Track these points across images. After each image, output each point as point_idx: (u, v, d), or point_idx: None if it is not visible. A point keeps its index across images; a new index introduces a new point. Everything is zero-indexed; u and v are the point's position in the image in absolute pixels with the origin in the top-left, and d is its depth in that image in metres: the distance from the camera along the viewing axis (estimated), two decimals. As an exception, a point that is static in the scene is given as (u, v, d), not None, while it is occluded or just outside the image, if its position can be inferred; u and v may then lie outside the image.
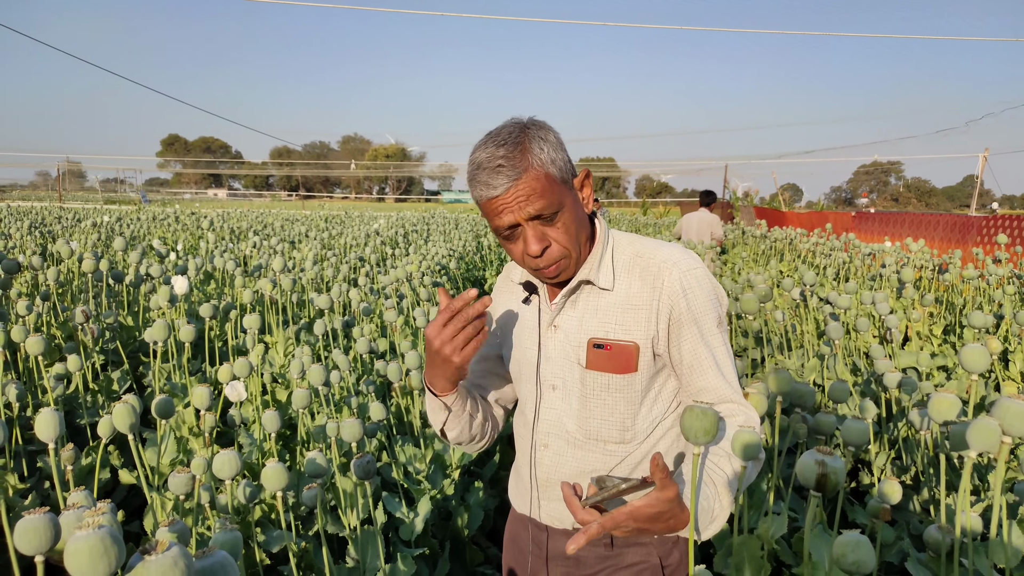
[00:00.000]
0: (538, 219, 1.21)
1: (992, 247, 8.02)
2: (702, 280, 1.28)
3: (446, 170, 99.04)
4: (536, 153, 1.19)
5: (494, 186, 1.18)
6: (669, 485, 1.02)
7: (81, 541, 0.64)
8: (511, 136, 1.20)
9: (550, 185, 1.19)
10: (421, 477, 2.44)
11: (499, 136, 1.21)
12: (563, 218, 1.22)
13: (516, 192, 1.18)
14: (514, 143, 1.19)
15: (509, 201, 1.18)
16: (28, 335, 2.32)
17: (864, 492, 2.48)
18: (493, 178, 1.18)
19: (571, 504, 1.09)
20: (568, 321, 1.33)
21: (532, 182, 1.17)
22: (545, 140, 1.21)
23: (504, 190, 1.18)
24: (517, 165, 1.17)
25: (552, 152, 1.20)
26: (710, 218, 8.10)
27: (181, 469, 1.55)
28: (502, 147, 1.18)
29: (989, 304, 4.43)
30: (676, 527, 1.08)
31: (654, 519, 1.05)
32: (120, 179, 64.24)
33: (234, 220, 14.03)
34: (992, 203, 23.80)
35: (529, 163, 1.18)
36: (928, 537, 1.45)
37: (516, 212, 1.19)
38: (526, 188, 1.17)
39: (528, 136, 1.20)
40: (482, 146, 1.21)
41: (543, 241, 1.22)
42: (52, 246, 5.42)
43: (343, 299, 4.11)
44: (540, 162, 1.18)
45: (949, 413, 1.40)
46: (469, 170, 1.23)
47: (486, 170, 1.19)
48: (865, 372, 3.10)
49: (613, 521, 1.05)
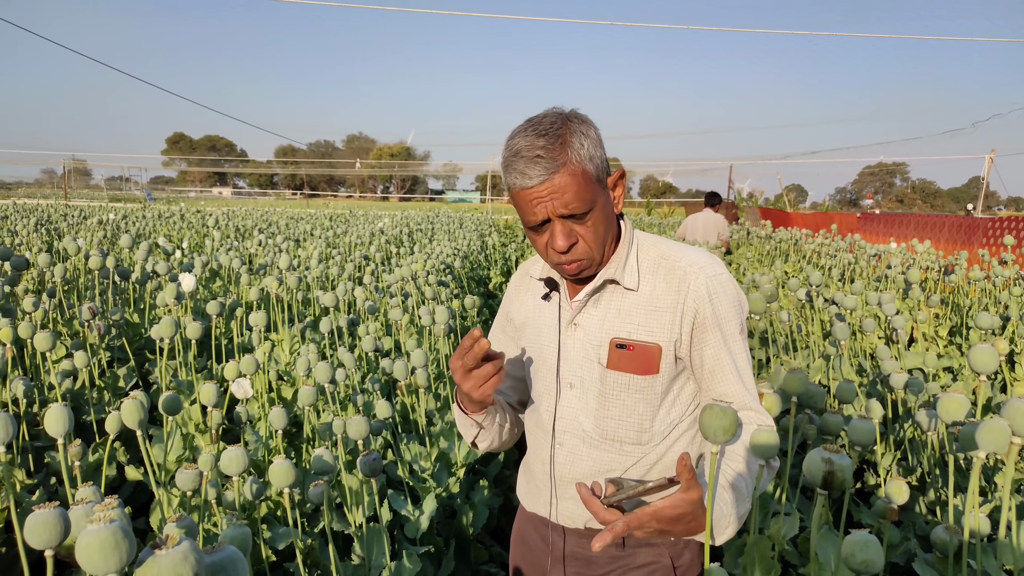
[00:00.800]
0: (570, 217, 1.19)
1: (998, 248, 8.00)
2: (727, 286, 1.28)
3: (451, 169, 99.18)
4: (576, 148, 1.17)
5: (530, 176, 1.16)
6: (695, 486, 1.02)
7: (93, 535, 0.64)
8: (552, 127, 1.18)
9: (585, 183, 1.17)
10: (426, 475, 2.44)
11: (540, 125, 1.19)
12: (593, 217, 1.21)
13: (551, 186, 1.16)
14: (555, 135, 1.17)
15: (543, 195, 1.17)
16: (36, 331, 2.33)
17: (870, 493, 2.47)
18: (530, 167, 1.16)
19: (591, 504, 1.09)
20: (589, 320, 1.32)
21: (568, 178, 1.16)
22: (586, 136, 1.19)
23: (539, 182, 1.16)
24: (556, 158, 1.15)
25: (592, 148, 1.19)
26: (716, 219, 8.08)
27: (188, 465, 1.55)
28: (542, 137, 1.16)
29: (995, 305, 4.42)
30: (696, 530, 1.08)
31: (676, 520, 1.05)
32: (125, 177, 64.44)
33: (239, 218, 14.05)
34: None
35: (568, 157, 1.16)
36: (935, 538, 1.45)
37: (548, 207, 1.18)
38: (561, 183, 1.16)
39: (569, 129, 1.18)
40: (521, 132, 1.19)
41: (571, 238, 1.21)
42: (58, 243, 5.43)
43: (348, 297, 4.12)
44: (579, 158, 1.17)
45: (958, 414, 1.39)
46: (505, 155, 1.21)
47: (523, 159, 1.17)
48: (871, 373, 3.09)
49: (637, 520, 1.05)
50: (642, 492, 1.08)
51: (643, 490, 1.08)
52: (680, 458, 1.00)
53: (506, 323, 1.53)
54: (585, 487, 1.13)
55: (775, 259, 8.17)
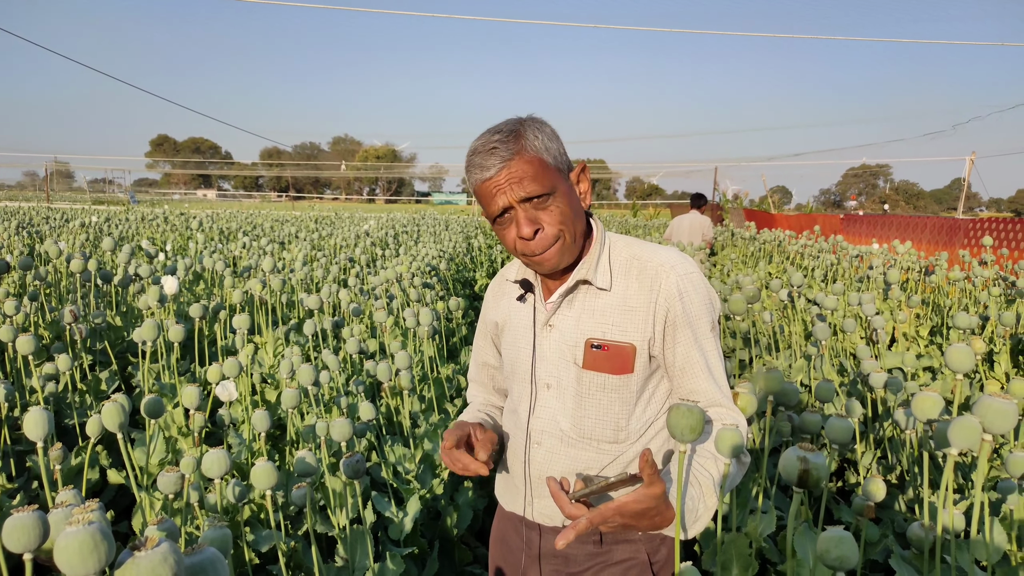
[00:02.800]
0: (530, 201, 1.23)
1: (978, 249, 8.09)
2: (698, 284, 1.31)
3: (436, 171, 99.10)
4: (530, 139, 1.23)
5: (487, 167, 1.22)
6: (657, 482, 1.04)
7: (71, 536, 0.64)
8: (507, 125, 1.25)
9: (543, 169, 1.23)
10: (410, 477, 2.45)
11: (495, 127, 1.26)
12: (556, 203, 1.25)
13: (509, 173, 1.21)
14: (509, 131, 1.24)
15: (502, 182, 1.22)
16: (17, 335, 2.31)
17: (851, 491, 2.50)
18: (487, 159, 1.22)
19: (559, 499, 1.12)
20: (564, 321, 1.34)
21: (524, 165, 1.21)
22: (540, 130, 1.25)
23: (497, 171, 1.22)
24: (511, 147, 1.21)
25: (547, 140, 1.25)
26: (701, 220, 8.17)
27: (170, 468, 1.55)
28: (497, 134, 1.23)
29: (975, 305, 4.47)
30: (661, 524, 1.10)
31: (640, 515, 1.07)
32: (108, 179, 63.86)
33: (223, 221, 13.97)
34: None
35: (523, 146, 1.22)
36: (911, 534, 1.47)
37: (508, 193, 1.22)
38: (518, 170, 1.21)
39: (523, 125, 1.25)
40: (479, 136, 1.27)
41: (534, 224, 1.24)
42: (40, 246, 5.38)
43: (333, 300, 4.11)
44: (534, 147, 1.23)
45: (932, 411, 1.42)
46: (466, 159, 1.27)
47: (480, 153, 1.23)
48: (852, 372, 3.13)
49: (600, 516, 1.07)
50: (606, 488, 1.10)
51: (606, 485, 1.10)
52: (642, 454, 1.02)
53: (485, 329, 1.56)
54: (555, 481, 1.15)
55: (759, 260, 8.23)
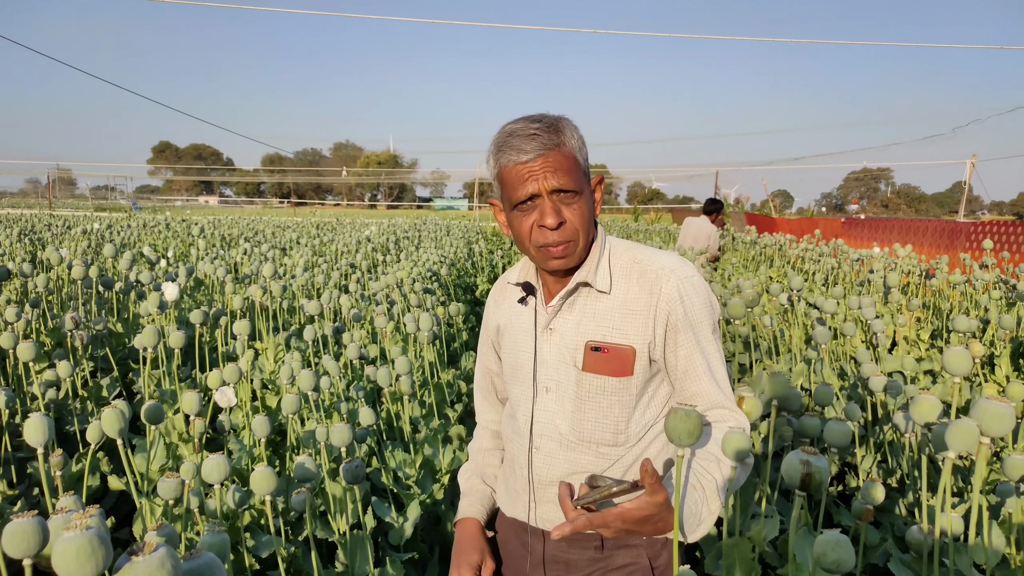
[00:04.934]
0: (559, 194, 1.24)
1: (980, 253, 8.08)
2: (698, 288, 1.31)
3: (438, 177, 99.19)
4: (568, 136, 1.25)
5: (525, 151, 1.22)
6: (659, 490, 1.05)
7: (68, 541, 0.64)
8: (546, 117, 1.26)
9: (576, 167, 1.25)
10: (411, 482, 2.45)
11: (534, 116, 1.27)
12: (579, 203, 1.27)
13: (545, 162, 1.22)
14: (549, 122, 1.25)
15: (536, 169, 1.23)
16: (18, 341, 2.32)
17: (851, 495, 2.50)
18: (526, 143, 1.22)
19: (564, 503, 1.14)
20: (564, 324, 1.35)
21: (562, 158, 1.23)
22: (576, 131, 1.28)
23: (534, 156, 1.22)
24: (552, 138, 1.23)
25: (580, 143, 1.27)
26: (709, 229, 7.91)
27: (170, 474, 1.55)
28: (537, 123, 1.24)
29: (975, 309, 4.47)
30: (664, 530, 1.11)
31: (642, 521, 1.08)
32: (110, 186, 64.13)
33: (225, 227, 13.99)
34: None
35: (563, 140, 1.24)
36: (910, 538, 1.47)
37: (541, 181, 1.23)
38: (555, 161, 1.23)
39: (562, 122, 1.26)
40: (514, 121, 1.27)
41: (560, 216, 1.25)
42: (42, 253, 5.39)
43: (333, 305, 4.11)
44: (571, 145, 1.25)
45: (930, 415, 1.42)
46: (497, 139, 1.27)
47: (519, 136, 1.23)
48: (852, 376, 3.12)
49: (602, 519, 1.09)
50: (608, 496, 1.12)
51: (608, 494, 1.11)
52: (643, 464, 1.04)
53: (488, 336, 1.57)
54: (565, 486, 1.17)
55: (760, 264, 8.23)
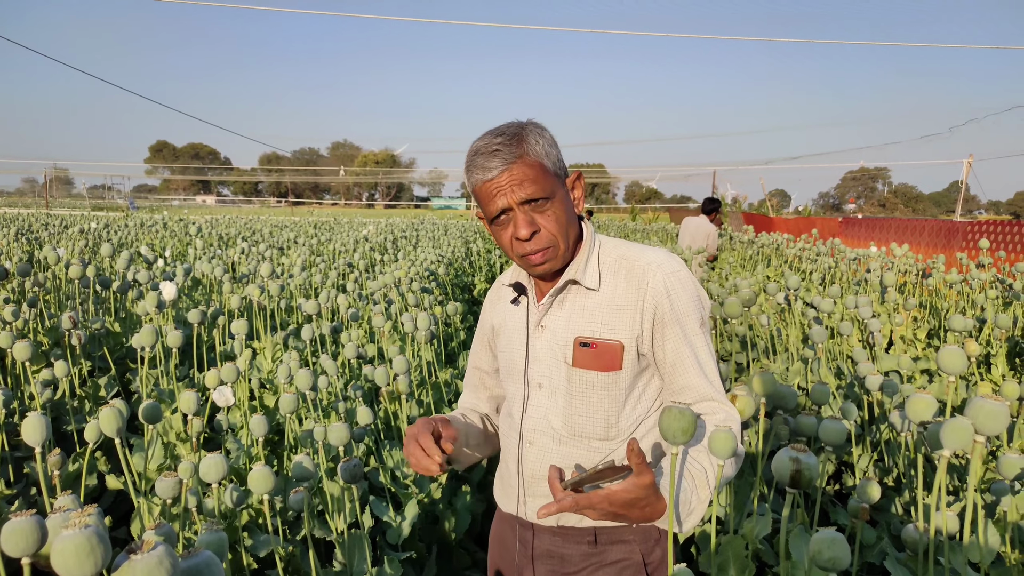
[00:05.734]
0: (529, 204, 1.26)
1: (976, 252, 8.10)
2: (685, 282, 1.33)
3: (436, 176, 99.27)
4: (532, 144, 1.26)
5: (489, 168, 1.25)
6: (645, 472, 1.05)
7: (67, 540, 0.64)
8: (509, 128, 1.28)
9: (543, 173, 1.26)
10: (408, 481, 2.45)
11: (497, 129, 1.29)
12: (553, 207, 1.28)
13: (510, 175, 1.24)
14: (512, 134, 1.26)
15: (503, 184, 1.25)
16: (15, 341, 2.32)
17: (848, 494, 2.50)
18: (489, 161, 1.25)
19: (553, 485, 1.14)
20: (555, 321, 1.37)
21: (526, 168, 1.24)
22: (541, 135, 1.28)
23: (498, 172, 1.24)
24: (513, 151, 1.24)
25: (547, 146, 1.28)
26: (708, 228, 7.93)
27: (168, 473, 1.55)
28: (500, 136, 1.26)
29: (972, 308, 4.48)
30: (652, 516, 1.12)
31: (629, 505, 1.09)
32: (108, 186, 64.06)
33: (222, 226, 13.98)
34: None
35: (525, 150, 1.25)
36: (906, 536, 1.48)
37: (508, 195, 1.25)
38: (519, 173, 1.24)
39: (525, 130, 1.27)
40: (481, 137, 1.29)
41: (532, 226, 1.27)
42: (39, 252, 5.39)
43: (331, 304, 4.11)
44: (535, 152, 1.26)
45: (926, 413, 1.42)
46: (467, 159, 1.30)
47: (483, 155, 1.26)
48: (849, 375, 3.13)
49: (588, 501, 1.10)
50: (596, 476, 1.12)
51: (596, 474, 1.12)
52: (629, 445, 1.04)
53: (483, 335, 1.59)
54: (555, 468, 1.18)
55: (757, 264, 8.24)
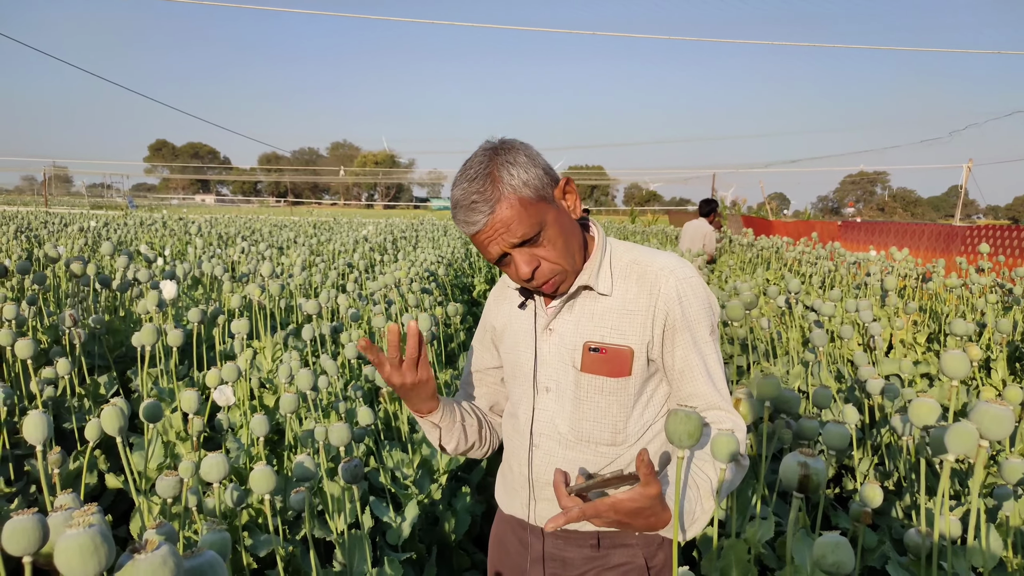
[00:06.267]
0: (523, 244, 1.24)
1: (976, 256, 8.10)
2: (697, 288, 1.32)
3: (435, 177, 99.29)
4: (506, 180, 1.21)
5: (472, 222, 1.22)
6: (653, 482, 1.04)
7: (71, 539, 0.64)
8: (481, 168, 1.22)
9: (525, 209, 1.21)
10: (408, 482, 2.45)
11: (470, 169, 1.24)
12: (547, 235, 1.25)
13: (494, 224, 1.21)
14: (484, 176, 1.21)
15: (491, 234, 1.22)
16: (16, 339, 2.31)
17: (848, 497, 2.50)
18: (470, 215, 1.22)
19: (558, 490, 1.12)
20: (564, 325, 1.36)
21: (507, 211, 1.20)
22: (514, 163, 1.22)
23: (483, 225, 1.21)
24: (490, 198, 1.20)
25: (523, 174, 1.22)
26: (706, 230, 8.00)
27: (169, 472, 1.55)
28: (474, 182, 1.21)
29: (972, 313, 4.48)
30: (656, 525, 1.11)
31: (635, 514, 1.07)
32: (107, 184, 63.94)
33: (222, 226, 13.97)
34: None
35: (501, 193, 1.20)
36: (908, 540, 1.48)
37: (499, 243, 1.23)
38: (503, 218, 1.20)
39: (496, 164, 1.22)
40: (457, 183, 1.25)
41: (532, 263, 1.25)
42: (38, 250, 5.38)
43: (331, 305, 4.11)
44: (512, 188, 1.21)
45: (929, 418, 1.42)
46: (451, 208, 1.27)
47: (463, 208, 1.22)
48: (849, 379, 3.13)
49: (594, 509, 1.08)
50: (603, 484, 1.11)
51: (603, 481, 1.11)
52: (638, 455, 1.03)
53: (484, 334, 1.57)
54: (561, 473, 1.15)
55: (757, 267, 8.24)
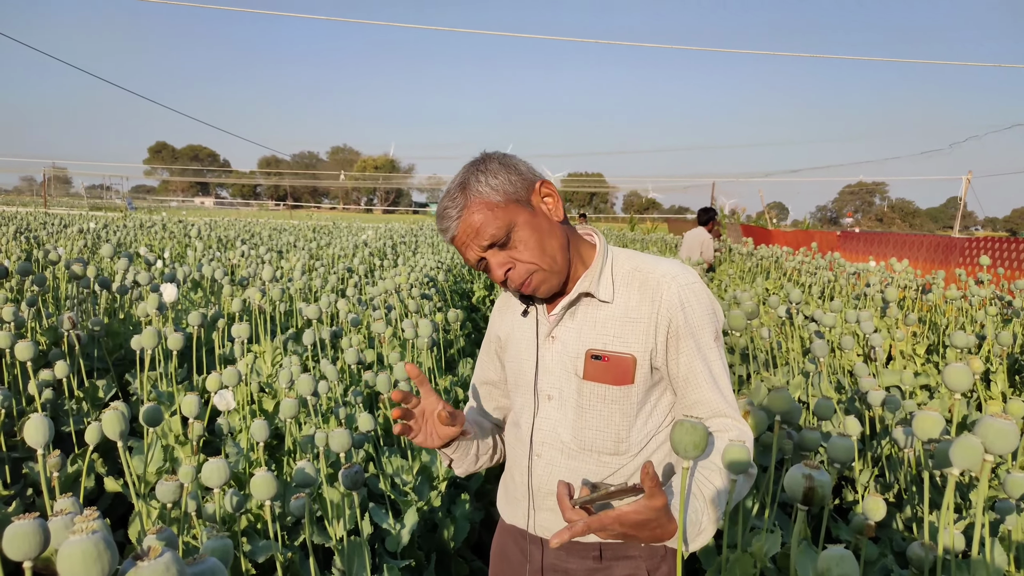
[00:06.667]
0: (493, 247, 1.28)
1: (975, 268, 8.12)
2: (700, 295, 1.31)
3: (435, 182, 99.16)
4: (474, 187, 1.27)
5: (447, 229, 1.29)
6: (658, 494, 1.04)
7: (75, 546, 0.64)
8: (456, 181, 1.31)
9: (493, 212, 1.26)
10: (408, 488, 2.44)
11: (449, 185, 1.32)
12: (519, 236, 1.28)
13: (464, 229, 1.27)
14: (458, 186, 1.29)
15: (462, 239, 1.28)
16: (16, 341, 2.30)
17: (848, 509, 2.49)
18: (444, 223, 1.29)
19: (562, 503, 1.12)
20: (566, 333, 1.35)
21: (474, 215, 1.26)
22: (485, 171, 1.29)
23: (455, 231, 1.28)
24: (458, 204, 1.28)
25: (492, 179, 1.28)
26: (704, 238, 8.09)
27: (169, 477, 1.54)
28: (448, 195, 1.30)
29: (971, 324, 4.48)
30: (662, 537, 1.10)
31: (640, 526, 1.07)
32: (106, 186, 63.94)
33: (221, 229, 13.96)
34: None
35: (468, 200, 1.27)
36: (911, 554, 1.47)
37: (471, 248, 1.28)
38: (471, 222, 1.26)
39: (468, 175, 1.29)
40: (440, 200, 1.33)
41: (505, 265, 1.29)
42: (38, 252, 5.37)
43: (331, 310, 4.10)
44: (478, 193, 1.27)
45: (933, 431, 1.42)
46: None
47: (440, 218, 1.31)
48: (849, 390, 3.13)
49: (599, 522, 1.08)
50: (608, 496, 1.11)
51: (608, 494, 1.11)
52: (644, 467, 1.02)
53: (490, 345, 1.57)
54: (564, 485, 1.15)
55: (756, 276, 8.24)
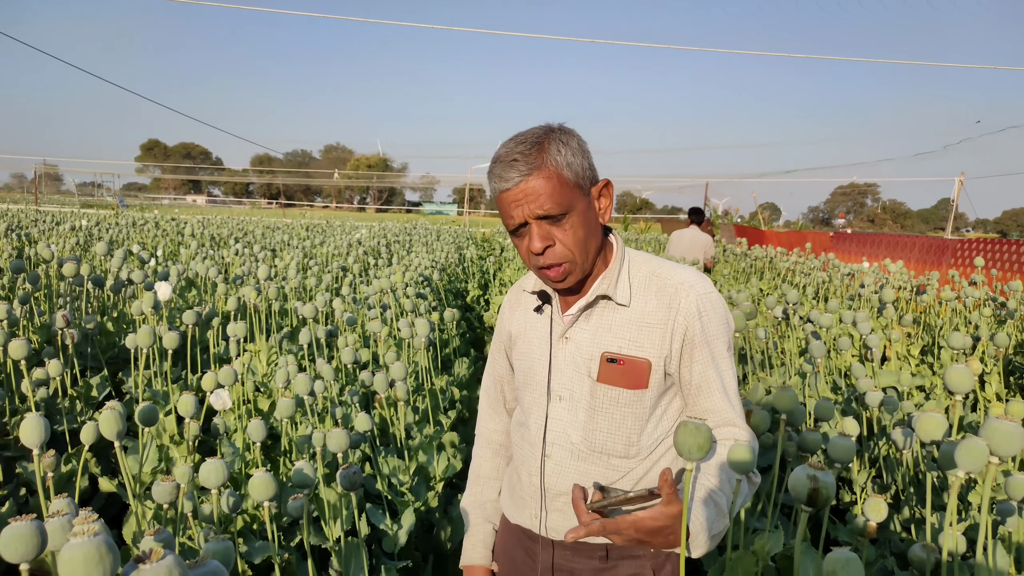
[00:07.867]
0: (545, 219, 1.23)
1: (967, 269, 8.16)
2: (716, 305, 1.32)
3: (428, 181, 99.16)
4: (552, 154, 1.22)
5: (506, 179, 1.22)
6: (675, 501, 1.04)
7: (76, 548, 0.63)
8: (533, 136, 1.24)
9: (561, 186, 1.22)
10: (405, 489, 2.43)
11: (522, 135, 1.25)
12: (571, 221, 1.24)
13: (526, 188, 1.21)
14: (534, 142, 1.23)
15: (519, 196, 1.22)
16: (10, 339, 2.28)
17: (845, 510, 2.49)
18: (507, 171, 1.22)
19: (577, 506, 1.12)
20: (580, 334, 1.34)
21: (542, 181, 1.21)
22: (566, 144, 1.24)
23: (514, 184, 1.22)
24: (531, 162, 1.21)
25: (570, 156, 1.23)
26: (703, 238, 7.98)
27: (165, 478, 1.52)
28: (521, 144, 1.23)
29: (966, 326, 4.49)
30: (675, 543, 1.11)
31: (655, 532, 1.08)
32: (97, 183, 63.59)
33: (214, 227, 13.91)
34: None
35: (543, 161, 1.21)
36: (913, 555, 1.47)
37: (524, 209, 1.23)
38: (536, 186, 1.21)
39: (549, 138, 1.24)
40: (505, 143, 1.26)
41: (547, 240, 1.25)
42: (29, 249, 5.33)
43: (326, 309, 4.09)
44: (555, 163, 1.22)
45: (935, 433, 1.41)
46: (490, 164, 1.27)
47: (502, 163, 1.23)
48: (845, 391, 3.13)
49: (615, 526, 1.09)
50: (624, 501, 1.11)
51: (624, 499, 1.11)
52: (662, 473, 1.03)
53: (499, 341, 1.56)
54: (579, 489, 1.15)
55: (750, 276, 8.25)
